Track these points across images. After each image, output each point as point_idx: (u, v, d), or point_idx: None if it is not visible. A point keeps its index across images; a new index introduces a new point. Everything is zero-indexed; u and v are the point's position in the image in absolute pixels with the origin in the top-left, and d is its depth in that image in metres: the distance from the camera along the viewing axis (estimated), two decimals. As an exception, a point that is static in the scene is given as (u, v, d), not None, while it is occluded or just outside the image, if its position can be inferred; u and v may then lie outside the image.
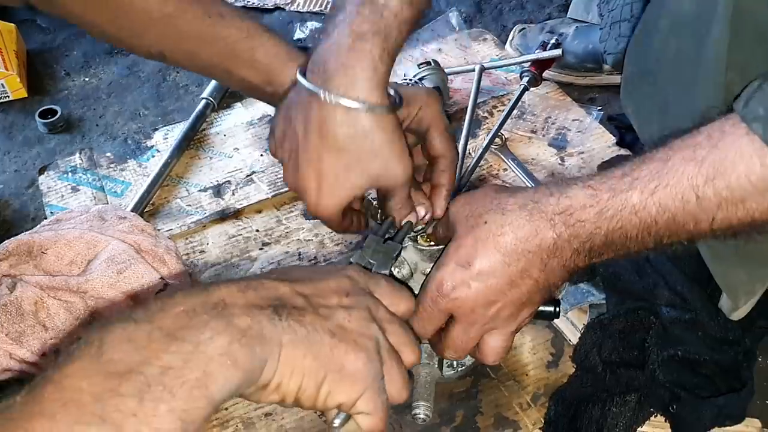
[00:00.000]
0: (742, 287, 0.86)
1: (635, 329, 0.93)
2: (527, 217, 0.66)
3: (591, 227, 0.64)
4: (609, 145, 1.27)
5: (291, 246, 1.14)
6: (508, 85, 1.41)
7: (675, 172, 0.61)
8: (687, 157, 0.60)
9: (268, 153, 1.29)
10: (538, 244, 0.66)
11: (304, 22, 1.62)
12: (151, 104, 1.48)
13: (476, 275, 0.68)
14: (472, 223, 0.69)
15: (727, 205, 0.60)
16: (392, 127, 0.72)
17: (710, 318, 0.90)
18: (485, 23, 1.64)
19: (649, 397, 0.88)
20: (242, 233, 1.16)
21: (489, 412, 0.91)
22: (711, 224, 0.61)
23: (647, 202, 0.62)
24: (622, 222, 0.63)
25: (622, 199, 0.63)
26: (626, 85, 0.95)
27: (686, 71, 0.79)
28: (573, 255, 0.67)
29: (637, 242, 0.64)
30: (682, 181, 0.60)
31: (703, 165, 0.59)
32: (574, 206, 0.65)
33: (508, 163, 1.25)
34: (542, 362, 0.97)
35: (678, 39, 0.80)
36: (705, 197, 0.60)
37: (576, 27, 1.44)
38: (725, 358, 0.89)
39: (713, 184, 0.59)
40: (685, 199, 0.60)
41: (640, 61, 0.91)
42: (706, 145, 0.60)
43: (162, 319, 0.48)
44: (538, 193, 0.67)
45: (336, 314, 0.56)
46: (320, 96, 0.69)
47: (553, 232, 0.66)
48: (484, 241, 0.68)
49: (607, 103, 1.40)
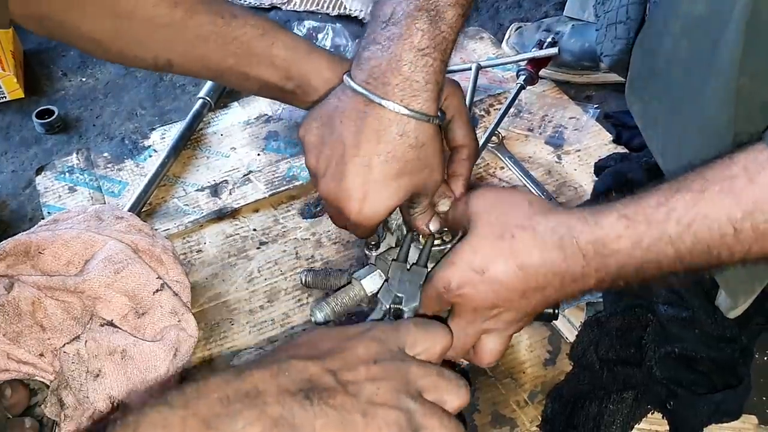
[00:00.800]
0: (741, 287, 0.86)
1: (632, 327, 0.93)
2: (558, 244, 0.65)
3: (624, 258, 0.63)
4: (605, 143, 1.28)
5: (288, 245, 1.14)
6: (505, 84, 1.41)
7: (713, 204, 0.60)
8: (725, 190, 0.59)
9: (265, 152, 1.29)
10: (564, 270, 0.65)
11: (301, 22, 1.61)
12: (148, 104, 1.48)
13: (488, 281, 0.67)
14: (497, 232, 0.67)
15: (764, 239, 0.59)
16: (441, 139, 0.74)
17: (707, 316, 0.90)
18: (482, 21, 1.65)
19: (646, 394, 0.88)
20: (239, 232, 1.16)
21: (486, 410, 0.91)
22: (745, 255, 0.61)
23: (684, 234, 0.61)
24: (656, 253, 0.62)
25: (659, 231, 0.62)
26: (632, 83, 0.94)
27: (697, 73, 0.78)
28: (596, 283, 0.66)
29: (668, 271, 0.64)
30: (720, 215, 0.59)
31: (741, 199, 0.59)
32: (608, 236, 0.63)
33: (505, 161, 1.25)
34: (539, 360, 0.97)
35: (690, 41, 0.79)
36: (743, 230, 0.59)
37: (572, 25, 1.45)
38: (722, 355, 0.89)
39: (752, 218, 0.59)
40: (722, 232, 0.60)
41: (647, 61, 0.90)
42: (744, 178, 0.59)
43: (197, 406, 0.48)
44: (572, 219, 0.66)
45: (364, 390, 0.53)
46: (382, 105, 0.69)
47: (584, 261, 0.64)
48: (506, 256, 0.66)
49: (603, 101, 1.40)
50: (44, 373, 0.93)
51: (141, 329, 0.95)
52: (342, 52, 1.54)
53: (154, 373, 0.92)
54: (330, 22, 1.59)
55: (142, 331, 0.95)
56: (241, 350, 1.00)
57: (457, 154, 0.80)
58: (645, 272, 0.64)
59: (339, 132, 0.72)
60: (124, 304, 0.96)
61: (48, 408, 0.90)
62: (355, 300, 0.79)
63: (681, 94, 0.81)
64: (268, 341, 1.01)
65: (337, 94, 0.74)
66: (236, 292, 1.08)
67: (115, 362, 0.91)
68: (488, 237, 0.68)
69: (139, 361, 0.92)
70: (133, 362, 0.92)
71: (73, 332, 0.94)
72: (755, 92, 0.68)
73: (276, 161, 1.27)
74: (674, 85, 0.83)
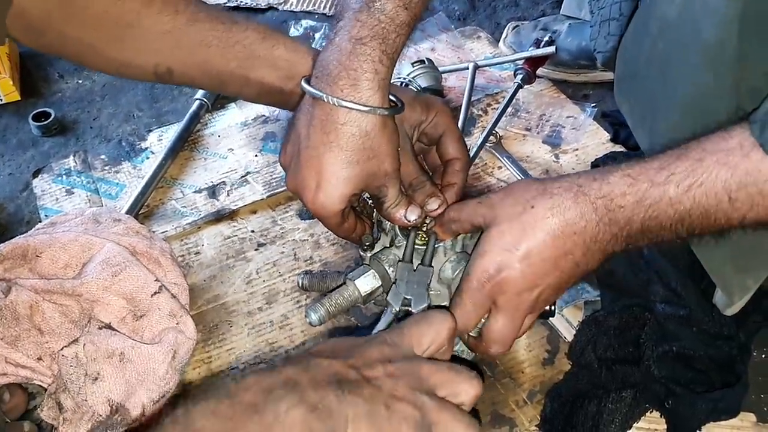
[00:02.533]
0: (736, 284, 0.86)
1: (630, 326, 0.93)
2: (573, 199, 0.69)
3: (629, 214, 0.67)
4: (603, 142, 1.28)
5: (286, 246, 1.14)
6: (503, 83, 1.41)
7: (709, 173, 0.64)
8: (721, 161, 0.64)
9: (262, 153, 1.29)
10: (583, 227, 0.69)
11: (299, 21, 1.62)
12: (145, 106, 1.48)
13: (522, 257, 0.70)
14: (519, 210, 0.71)
15: (758, 208, 0.63)
16: (391, 129, 0.75)
17: (704, 314, 0.90)
18: (479, 21, 1.65)
19: (644, 393, 0.89)
20: (237, 234, 1.16)
21: (485, 409, 0.91)
22: (741, 221, 0.65)
23: (683, 197, 0.65)
24: (658, 212, 0.66)
25: (660, 191, 0.66)
26: (619, 84, 0.97)
27: (672, 74, 0.81)
28: (612, 239, 0.69)
29: (671, 232, 0.67)
30: (717, 184, 0.64)
31: (736, 171, 0.63)
32: (614, 192, 0.68)
33: (503, 161, 1.25)
34: (538, 359, 0.97)
35: (666, 42, 0.82)
36: (738, 199, 0.63)
37: (569, 24, 1.45)
38: (720, 353, 0.89)
39: (746, 189, 0.63)
40: (719, 199, 0.64)
41: (631, 62, 0.92)
42: (739, 153, 0.63)
43: (242, 395, 0.52)
44: (581, 178, 0.70)
45: (385, 384, 0.56)
46: (324, 99, 0.72)
47: (596, 214, 0.68)
48: (532, 224, 0.70)
49: (601, 99, 1.40)
50: (42, 377, 0.93)
51: (139, 332, 0.95)
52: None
53: (153, 375, 0.92)
54: (327, 22, 1.59)
55: (141, 333, 0.95)
56: (240, 352, 1.00)
57: (450, 167, 0.84)
58: (650, 231, 0.68)
59: (297, 128, 0.78)
60: (122, 307, 0.96)
61: (46, 412, 0.90)
62: (349, 300, 0.80)
63: (659, 94, 0.83)
64: (266, 343, 1.01)
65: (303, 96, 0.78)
66: (234, 293, 1.08)
67: (114, 365, 0.91)
68: (510, 216, 0.71)
69: (138, 364, 0.92)
70: (131, 365, 0.92)
71: (71, 335, 0.93)
72: (751, 80, 0.71)
73: (273, 162, 1.27)
74: (656, 84, 0.85)
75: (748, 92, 0.71)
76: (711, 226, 0.66)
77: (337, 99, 0.72)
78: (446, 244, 0.80)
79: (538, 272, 0.70)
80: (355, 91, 0.72)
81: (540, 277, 0.71)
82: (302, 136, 0.76)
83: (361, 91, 0.72)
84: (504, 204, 0.73)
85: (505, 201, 0.73)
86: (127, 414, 0.91)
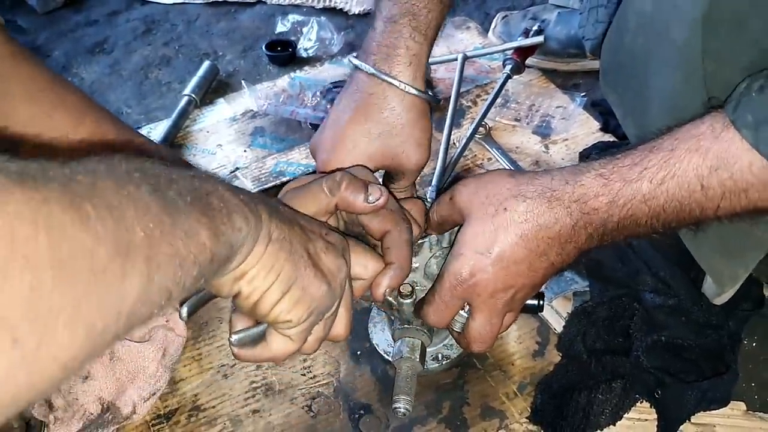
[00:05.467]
0: (725, 273, 0.86)
1: (619, 316, 0.93)
2: (547, 205, 0.68)
3: (604, 215, 0.67)
4: (593, 131, 1.27)
5: (276, 242, 1.13)
6: (492, 74, 1.41)
7: (681, 162, 0.63)
8: (692, 148, 0.63)
9: (251, 148, 1.29)
10: (558, 231, 0.68)
11: (286, 16, 1.61)
12: (134, 102, 1.47)
13: (495, 260, 0.69)
14: (491, 211, 0.69)
15: (731, 195, 0.62)
16: (419, 111, 0.78)
17: (693, 303, 0.90)
18: (468, 11, 1.64)
19: (634, 384, 0.88)
20: (227, 230, 1.16)
21: (475, 402, 0.91)
22: (716, 211, 0.64)
23: (656, 191, 0.64)
24: (633, 210, 0.66)
25: (633, 189, 0.65)
26: (605, 75, 0.96)
27: (651, 67, 0.81)
28: (587, 239, 0.69)
29: (646, 227, 0.67)
30: (688, 172, 0.63)
31: (707, 156, 0.62)
32: (588, 195, 0.67)
33: (492, 152, 1.25)
34: (528, 351, 0.97)
35: (644, 37, 0.82)
36: (710, 187, 0.62)
37: (558, 13, 1.44)
38: (709, 343, 0.89)
39: (717, 174, 0.61)
40: (691, 189, 0.63)
41: (615, 54, 0.92)
42: (710, 137, 0.62)
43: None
44: (554, 181, 0.69)
45: (318, 242, 0.60)
46: (360, 67, 0.77)
47: (570, 219, 0.68)
48: (505, 228, 0.69)
49: (590, 88, 1.39)
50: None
51: (129, 330, 0.95)
52: (327, 45, 1.53)
53: (143, 373, 0.92)
54: (315, 16, 1.59)
55: (130, 332, 0.95)
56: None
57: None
58: (626, 229, 0.67)
59: (336, 100, 0.82)
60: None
61: (37, 410, 0.90)
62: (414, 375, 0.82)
63: (644, 87, 0.83)
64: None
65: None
66: (224, 290, 1.07)
67: (104, 363, 0.91)
68: (483, 218, 0.70)
69: (128, 362, 0.92)
70: (121, 363, 0.92)
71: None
72: (721, 75, 0.70)
73: (263, 157, 1.27)
74: (637, 78, 0.85)
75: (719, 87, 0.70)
76: (686, 218, 0.65)
77: (368, 66, 0.76)
78: (431, 240, 0.80)
79: (511, 274, 0.70)
80: (386, 65, 0.76)
81: (514, 278, 0.70)
82: (336, 101, 0.80)
83: (392, 66, 0.76)
84: (476, 200, 0.71)
85: (478, 196, 0.71)
86: (118, 412, 0.91)
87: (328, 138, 0.78)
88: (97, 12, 1.74)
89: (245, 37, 1.63)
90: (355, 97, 0.77)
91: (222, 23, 1.68)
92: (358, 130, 0.76)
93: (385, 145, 0.77)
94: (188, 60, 1.58)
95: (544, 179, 0.70)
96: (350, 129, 0.77)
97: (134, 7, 1.75)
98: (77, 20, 1.72)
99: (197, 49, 1.60)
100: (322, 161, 0.78)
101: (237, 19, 1.69)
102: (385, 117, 0.76)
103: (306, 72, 1.46)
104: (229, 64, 1.55)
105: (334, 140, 0.77)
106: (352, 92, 0.78)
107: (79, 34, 1.68)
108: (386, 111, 0.76)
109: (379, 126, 0.76)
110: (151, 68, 1.55)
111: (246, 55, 1.57)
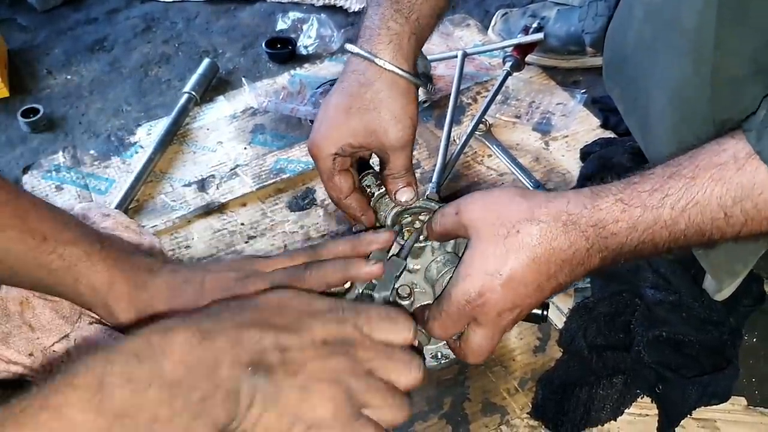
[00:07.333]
0: (726, 269, 0.86)
1: (620, 312, 0.93)
2: (562, 229, 0.67)
3: (622, 239, 0.66)
4: (593, 128, 1.27)
5: (276, 239, 1.14)
6: (492, 71, 1.41)
7: (703, 190, 0.63)
8: (714, 177, 0.62)
9: (251, 146, 1.29)
10: (572, 254, 0.67)
11: (286, 13, 1.61)
12: (134, 100, 1.47)
13: (505, 282, 0.68)
14: (503, 232, 0.68)
15: (752, 222, 0.62)
16: (399, 89, 0.81)
17: (694, 299, 0.90)
18: (468, 8, 1.64)
19: (635, 379, 0.89)
20: (227, 227, 1.16)
21: (477, 398, 0.92)
22: (736, 235, 0.64)
23: (678, 218, 0.64)
24: (653, 235, 0.65)
25: (654, 215, 0.64)
26: (608, 70, 0.96)
27: (663, 57, 0.80)
28: (600, 262, 0.68)
29: (664, 250, 0.67)
30: (711, 201, 0.62)
31: (731, 186, 0.62)
32: (606, 219, 0.66)
33: (492, 149, 1.25)
34: (529, 347, 0.97)
35: (653, 26, 0.81)
36: (733, 215, 0.62)
37: (558, 10, 1.44)
38: (710, 338, 0.89)
39: (741, 205, 0.62)
40: (713, 216, 0.63)
41: (618, 48, 0.91)
42: (733, 167, 0.62)
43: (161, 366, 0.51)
44: (570, 204, 0.67)
45: (307, 368, 0.56)
46: (349, 50, 0.83)
47: (587, 242, 0.67)
48: (516, 250, 0.67)
49: (591, 85, 1.39)
50: (34, 373, 0.92)
51: (130, 327, 0.95)
52: (327, 43, 1.53)
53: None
54: (315, 13, 1.59)
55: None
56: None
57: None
58: (642, 251, 0.67)
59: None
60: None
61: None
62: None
63: (651, 78, 0.83)
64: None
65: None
66: (225, 287, 1.07)
67: None
68: (494, 239, 0.68)
69: None
70: None
71: (62, 331, 0.93)
72: (726, 65, 0.70)
73: (263, 155, 1.27)
74: (644, 69, 0.84)
75: (724, 80, 0.70)
76: (705, 242, 0.65)
77: (353, 47, 0.81)
78: (434, 244, 0.79)
79: (519, 295, 0.68)
80: (369, 45, 0.80)
81: (522, 299, 0.69)
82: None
83: (373, 45, 0.80)
84: (486, 220, 0.69)
85: (488, 215, 0.70)
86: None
87: (319, 118, 0.83)
88: (96, 10, 1.74)
89: (245, 34, 1.63)
90: (342, 78, 0.83)
91: (222, 21, 1.68)
92: (341, 105, 0.81)
93: (364, 120, 0.80)
94: (188, 57, 1.57)
95: (558, 202, 0.68)
96: (333, 107, 0.82)
97: (134, 4, 1.75)
98: (77, 18, 1.72)
99: (197, 47, 1.60)
100: (310, 139, 0.83)
101: (237, 17, 1.69)
102: (364, 92, 0.80)
103: (306, 69, 1.46)
104: (229, 61, 1.55)
105: (321, 118, 0.82)
106: (342, 74, 0.83)
107: (79, 31, 1.68)
108: (366, 87, 0.80)
109: (359, 101, 0.80)
110: (151, 66, 1.55)
111: (246, 53, 1.57)
